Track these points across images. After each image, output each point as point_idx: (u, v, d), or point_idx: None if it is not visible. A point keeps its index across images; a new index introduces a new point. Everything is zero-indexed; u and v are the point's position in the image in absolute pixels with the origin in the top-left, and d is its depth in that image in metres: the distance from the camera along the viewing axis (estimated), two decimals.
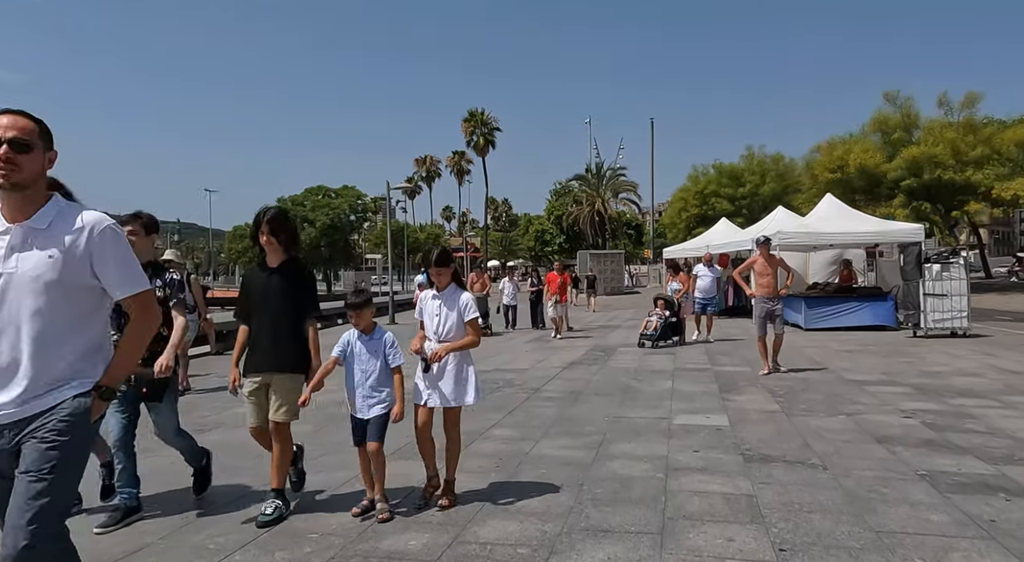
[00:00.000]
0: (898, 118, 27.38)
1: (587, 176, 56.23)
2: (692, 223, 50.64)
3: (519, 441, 5.80)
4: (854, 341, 13.36)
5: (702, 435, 5.84)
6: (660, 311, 13.06)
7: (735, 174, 49.55)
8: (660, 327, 12.79)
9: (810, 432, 5.86)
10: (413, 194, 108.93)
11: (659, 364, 10.57)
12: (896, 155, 26.29)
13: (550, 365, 10.75)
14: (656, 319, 12.91)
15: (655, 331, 12.78)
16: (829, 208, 16.73)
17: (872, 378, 8.79)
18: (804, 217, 17.69)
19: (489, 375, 9.65)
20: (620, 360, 11.24)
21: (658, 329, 12.77)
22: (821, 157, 29.01)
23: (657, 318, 12.93)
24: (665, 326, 12.87)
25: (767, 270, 9.45)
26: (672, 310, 13.13)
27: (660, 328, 12.79)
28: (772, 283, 9.46)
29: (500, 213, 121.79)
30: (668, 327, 12.98)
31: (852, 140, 28.51)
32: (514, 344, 14.30)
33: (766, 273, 9.43)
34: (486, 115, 54.65)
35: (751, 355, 11.35)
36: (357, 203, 56.38)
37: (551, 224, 56.80)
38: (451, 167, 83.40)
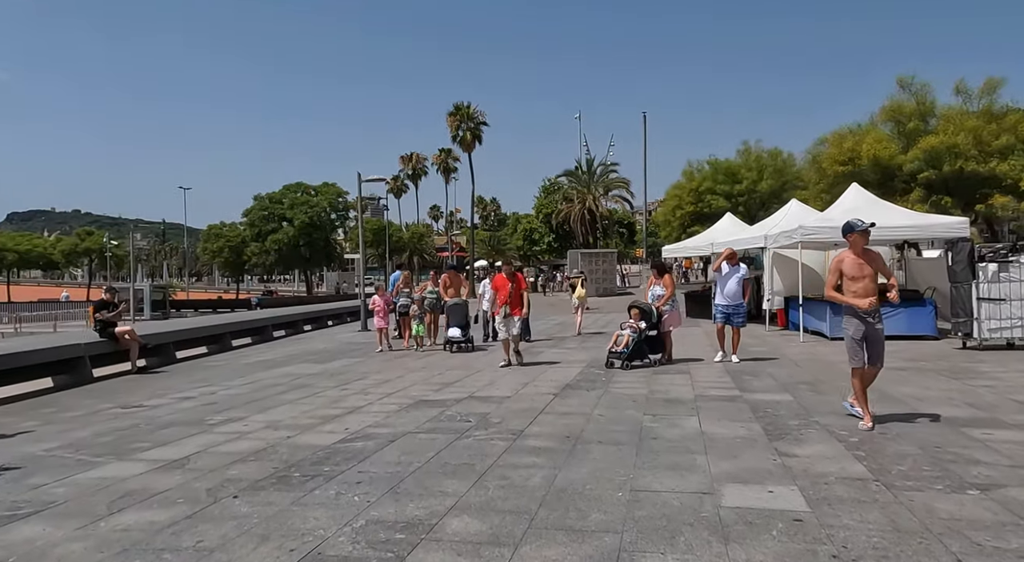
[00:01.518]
0: (913, 106, 25.41)
1: (577, 172, 54.12)
2: (687, 221, 48.69)
3: (487, 547, 3.64)
4: (898, 355, 11.28)
5: (775, 534, 3.70)
6: (634, 322, 10.67)
7: (731, 170, 47.65)
8: (633, 343, 10.44)
9: (945, 528, 3.73)
10: (399, 192, 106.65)
11: (674, 390, 8.44)
12: (912, 146, 24.34)
13: (538, 391, 8.60)
14: (629, 333, 10.56)
15: (626, 348, 10.42)
16: (856, 200, 14.67)
17: (963, 414, 6.70)
18: (825, 210, 15.62)
19: (459, 408, 7.49)
20: (623, 382, 9.11)
21: (630, 345, 10.42)
22: (829, 149, 27.02)
23: (630, 331, 10.56)
24: (640, 342, 10.50)
25: (865, 271, 6.28)
26: (650, 321, 10.67)
27: (633, 344, 10.44)
28: (874, 289, 6.32)
29: (488, 212, 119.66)
30: (644, 343, 10.59)
31: (863, 130, 26.51)
32: (495, 361, 12.15)
33: (864, 276, 6.28)
34: (472, 109, 52.44)
35: (783, 375, 9.26)
36: (338, 201, 54.04)
37: (540, 222, 54.65)
38: (438, 165, 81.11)
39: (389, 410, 7.56)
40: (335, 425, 6.81)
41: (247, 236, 54.17)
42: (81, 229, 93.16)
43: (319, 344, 16.39)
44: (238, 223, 56.29)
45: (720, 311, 10.95)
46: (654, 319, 10.69)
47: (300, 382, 10.08)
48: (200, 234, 63.79)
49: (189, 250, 65.34)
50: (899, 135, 25.69)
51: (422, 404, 7.88)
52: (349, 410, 7.62)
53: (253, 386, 9.90)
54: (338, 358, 13.04)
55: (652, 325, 10.66)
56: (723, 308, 10.86)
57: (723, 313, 10.89)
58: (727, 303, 10.74)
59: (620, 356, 10.38)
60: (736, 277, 10.69)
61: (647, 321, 10.63)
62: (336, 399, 8.42)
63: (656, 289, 11.13)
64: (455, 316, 12.72)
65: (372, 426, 6.70)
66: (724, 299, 10.77)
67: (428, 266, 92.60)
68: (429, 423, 6.77)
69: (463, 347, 12.81)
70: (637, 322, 10.61)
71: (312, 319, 22.55)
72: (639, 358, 10.53)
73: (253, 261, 55.31)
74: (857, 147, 24.66)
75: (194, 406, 8.28)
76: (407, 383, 9.56)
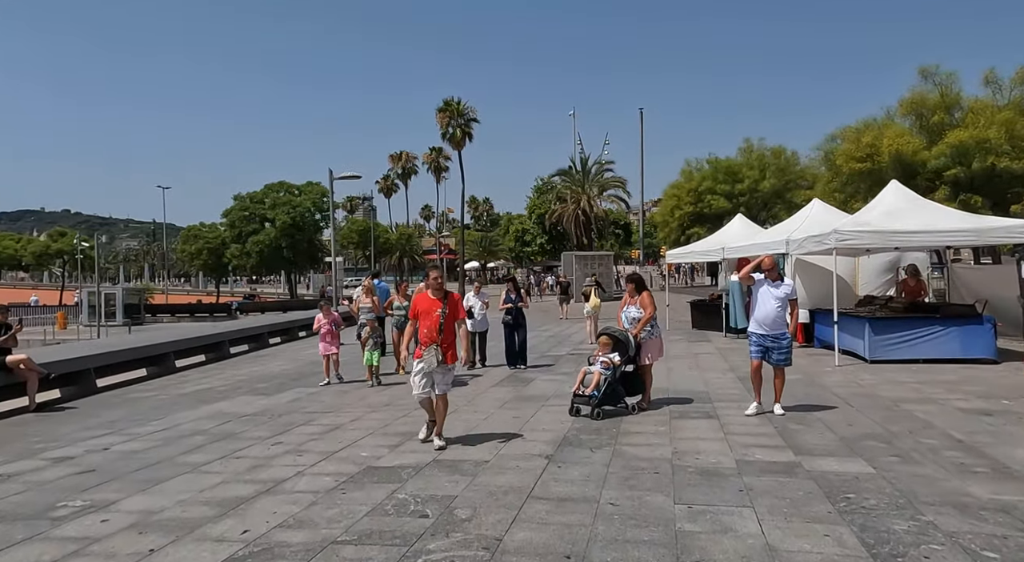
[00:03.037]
0: (937, 98, 23.43)
1: (571, 172, 52.13)
2: (686, 222, 46.80)
3: None
4: (964, 388, 9.29)
5: None
6: (605, 356, 8.09)
7: (732, 169, 45.81)
8: (605, 383, 7.89)
9: None
10: (390, 192, 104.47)
11: (706, 450, 6.38)
12: (937, 141, 22.37)
13: (525, 450, 6.53)
14: (600, 370, 7.98)
15: (597, 390, 7.90)
16: (897, 200, 12.65)
17: None
18: (857, 212, 13.61)
19: (416, 485, 5.38)
20: (635, 434, 7.05)
21: (601, 386, 7.89)
22: (845, 145, 25.02)
23: (602, 368, 7.98)
24: (614, 382, 7.97)
25: None
26: (626, 353, 8.12)
27: (606, 385, 7.89)
28: None
29: (481, 212, 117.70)
30: (619, 382, 8.07)
31: (880, 124, 24.53)
32: (475, 395, 10.08)
33: None
34: (463, 105, 50.23)
35: (840, 423, 7.14)
36: (323, 200, 51.83)
37: (532, 223, 52.63)
38: (428, 164, 79.04)
39: (320, 488, 5.48)
40: (232, 523, 4.72)
41: (227, 237, 51.86)
42: (55, 230, 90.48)
43: (278, 365, 14.27)
44: (218, 224, 54.01)
45: (755, 343, 7.87)
46: (631, 350, 8.11)
47: (226, 429, 7.98)
48: (179, 235, 61.41)
49: (168, 252, 62.90)
50: (921, 129, 23.74)
51: (368, 475, 5.81)
52: (266, 487, 5.53)
53: (165, 435, 7.80)
54: (291, 387, 10.94)
55: (629, 358, 8.13)
56: (759, 339, 7.82)
57: (759, 346, 7.82)
58: (764, 332, 7.75)
59: (589, 401, 7.89)
60: (778, 296, 7.67)
61: (622, 353, 8.10)
62: (257, 464, 6.33)
63: (631, 311, 8.45)
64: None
65: (284, 526, 4.63)
66: (761, 326, 7.78)
67: (420, 268, 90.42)
68: (369, 519, 4.70)
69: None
70: (609, 355, 8.10)
71: (281, 331, 20.38)
72: (613, 402, 8.02)
73: (234, 263, 53.01)
74: (877, 142, 22.69)
75: (60, 476, 6.16)
76: (359, 433, 7.49)
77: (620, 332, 8.25)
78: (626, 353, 8.11)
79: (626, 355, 8.10)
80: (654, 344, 8.47)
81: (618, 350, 8.11)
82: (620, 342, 8.15)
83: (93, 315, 43.57)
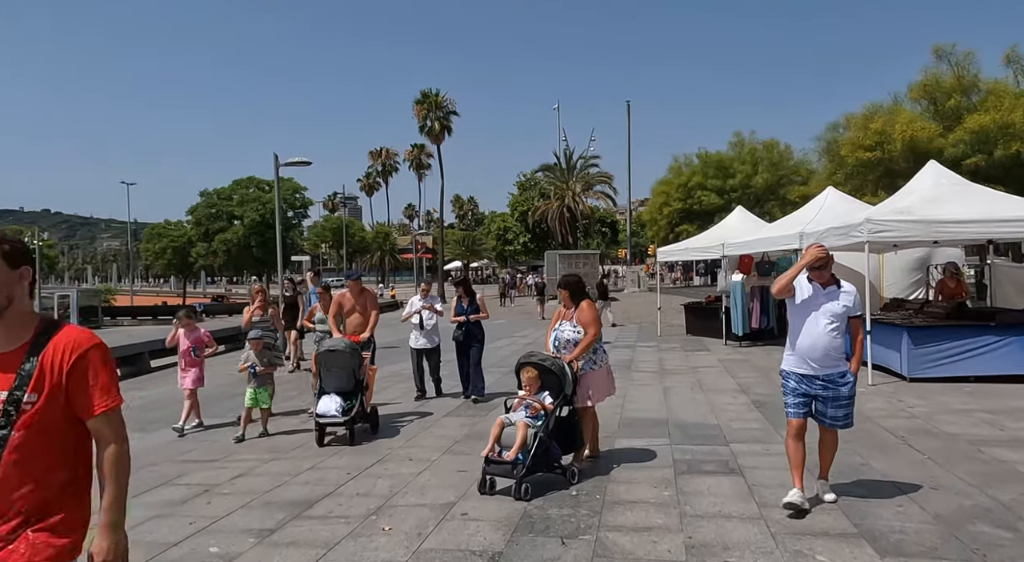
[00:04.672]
0: (952, 80, 21.38)
1: (555, 167, 49.94)
2: (675, 219, 44.77)
3: None
4: None
5: None
6: (533, 399, 5.39)
7: (723, 164, 43.85)
8: (534, 441, 5.15)
9: None
10: (371, 190, 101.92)
11: (739, 551, 4.14)
12: (954, 126, 20.35)
13: (460, 543, 4.27)
14: (525, 419, 5.26)
15: (521, 454, 5.08)
16: (938, 183, 10.52)
17: None
18: (890, 200, 11.47)
19: None
20: (630, 511, 4.80)
21: (530, 445, 5.12)
22: (851, 132, 22.94)
23: (526, 416, 5.30)
24: (545, 438, 5.22)
25: None
26: (560, 391, 5.48)
27: (535, 443, 5.14)
28: None
29: (466, 211, 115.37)
30: (552, 437, 5.32)
31: (888, 110, 22.49)
32: (417, 433, 7.85)
33: None
34: (441, 97, 47.92)
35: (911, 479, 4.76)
36: (295, 197, 49.34)
37: (515, 221, 50.41)
38: (410, 161, 76.73)
39: None
40: None
41: (193, 236, 49.19)
42: (9, 229, 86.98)
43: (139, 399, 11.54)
44: (184, 222, 51.28)
45: (795, 391, 4.70)
46: (567, 387, 5.49)
47: None
48: (142, 234, 58.55)
49: (133, 249, 59.95)
50: (935, 115, 21.73)
51: None
52: None
53: None
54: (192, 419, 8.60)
55: (564, 398, 5.50)
56: (802, 385, 4.68)
57: (802, 396, 4.69)
58: (812, 371, 4.63)
59: (512, 470, 5.02)
60: (835, 312, 4.61)
61: (555, 392, 5.45)
62: None
63: (565, 329, 5.82)
64: (332, 372, 6.95)
65: None
66: (805, 362, 4.64)
67: (401, 268, 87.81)
68: None
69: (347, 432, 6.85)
70: (538, 396, 5.41)
71: None
72: (546, 467, 5.26)
73: (200, 263, 50.33)
74: (887, 129, 20.64)
75: None
76: (232, 502, 5.19)
77: (551, 361, 5.51)
78: (561, 392, 5.45)
79: (561, 394, 5.46)
80: (599, 378, 5.83)
81: (549, 388, 5.48)
82: (552, 375, 5.46)
83: None
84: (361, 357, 7.17)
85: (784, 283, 4.68)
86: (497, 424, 5.34)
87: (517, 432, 5.14)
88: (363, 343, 7.51)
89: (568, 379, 5.49)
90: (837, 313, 4.63)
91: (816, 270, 4.64)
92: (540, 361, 5.51)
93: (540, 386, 5.48)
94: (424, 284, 10.22)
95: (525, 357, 5.65)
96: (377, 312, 8.02)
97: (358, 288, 8.08)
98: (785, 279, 4.70)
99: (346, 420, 6.79)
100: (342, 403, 6.81)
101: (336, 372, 6.97)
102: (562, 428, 5.53)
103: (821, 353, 4.61)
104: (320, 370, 7.05)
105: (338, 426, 6.87)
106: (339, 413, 6.74)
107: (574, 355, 5.62)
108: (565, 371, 5.49)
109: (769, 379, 10.49)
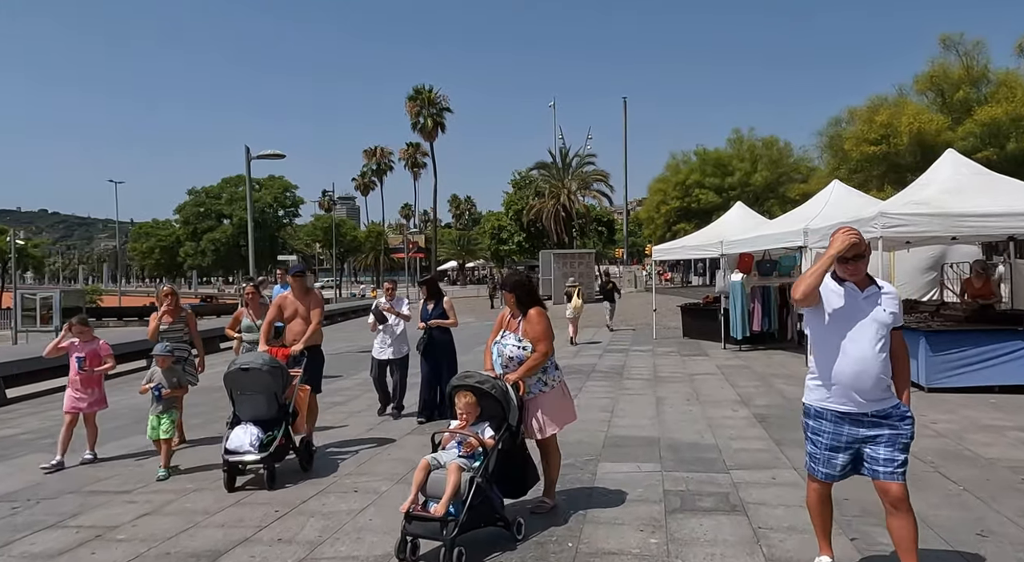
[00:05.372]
0: (961, 71, 20.45)
1: (551, 165, 48.99)
2: (672, 218, 43.89)
3: None
4: None
5: None
6: (470, 431, 4.22)
7: (721, 161, 42.98)
8: (470, 489, 3.91)
9: None
10: (367, 189, 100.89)
11: None
12: (963, 119, 19.44)
13: None
14: (456, 458, 4.05)
15: (452, 510, 3.83)
16: (958, 174, 9.61)
17: None
18: (904, 192, 10.56)
19: None
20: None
21: (464, 494, 3.88)
22: (855, 126, 22.01)
23: (462, 458, 4.07)
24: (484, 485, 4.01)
25: None
26: (504, 423, 4.29)
27: (470, 492, 3.90)
28: None
29: (463, 211, 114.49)
30: (492, 482, 4.16)
31: (897, 102, 21.56)
32: (369, 459, 6.93)
33: None
34: (434, 93, 47.04)
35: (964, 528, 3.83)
36: (285, 195, 48.40)
37: (510, 220, 49.46)
38: (405, 160, 75.73)
39: None
40: None
41: (181, 235, 48.15)
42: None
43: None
44: (172, 221, 50.25)
45: (829, 435, 3.35)
46: (512, 416, 4.32)
47: None
48: (129, 233, 57.38)
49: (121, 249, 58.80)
50: (943, 107, 20.81)
51: None
52: None
53: None
54: (117, 438, 7.65)
55: (510, 430, 4.31)
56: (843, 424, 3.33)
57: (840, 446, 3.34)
58: (860, 408, 3.27)
59: (440, 528, 3.80)
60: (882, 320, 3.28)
61: (497, 422, 4.31)
62: None
63: (509, 342, 4.56)
64: (247, 397, 5.61)
65: None
66: (846, 394, 3.28)
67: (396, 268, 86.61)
68: None
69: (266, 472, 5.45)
70: (475, 428, 4.27)
71: None
72: (487, 521, 4.11)
73: (188, 262, 49.29)
74: (894, 121, 19.71)
75: None
76: (122, 553, 4.25)
77: (491, 383, 4.30)
78: (504, 421, 4.28)
79: (504, 425, 4.28)
80: (553, 401, 4.59)
81: (490, 417, 4.30)
82: (492, 401, 4.28)
83: (30, 319, 39.97)
84: (287, 375, 5.84)
85: (811, 283, 3.22)
86: (421, 467, 4.04)
87: (448, 478, 3.90)
88: (292, 358, 6.18)
89: (512, 405, 4.30)
90: (885, 323, 3.28)
91: (849, 263, 3.26)
92: (478, 383, 4.30)
93: (479, 415, 4.30)
94: (387, 283, 8.94)
95: (459, 378, 4.46)
96: (320, 318, 6.62)
97: (302, 287, 6.72)
98: (812, 277, 3.23)
99: (263, 457, 5.40)
100: (259, 435, 5.48)
101: (251, 396, 5.60)
102: (506, 468, 4.32)
103: (872, 382, 3.22)
104: (232, 394, 5.68)
105: (254, 465, 5.48)
106: (254, 448, 5.41)
107: (518, 375, 4.44)
108: (508, 395, 4.29)
109: (771, 388, 9.59)
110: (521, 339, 4.54)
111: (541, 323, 4.57)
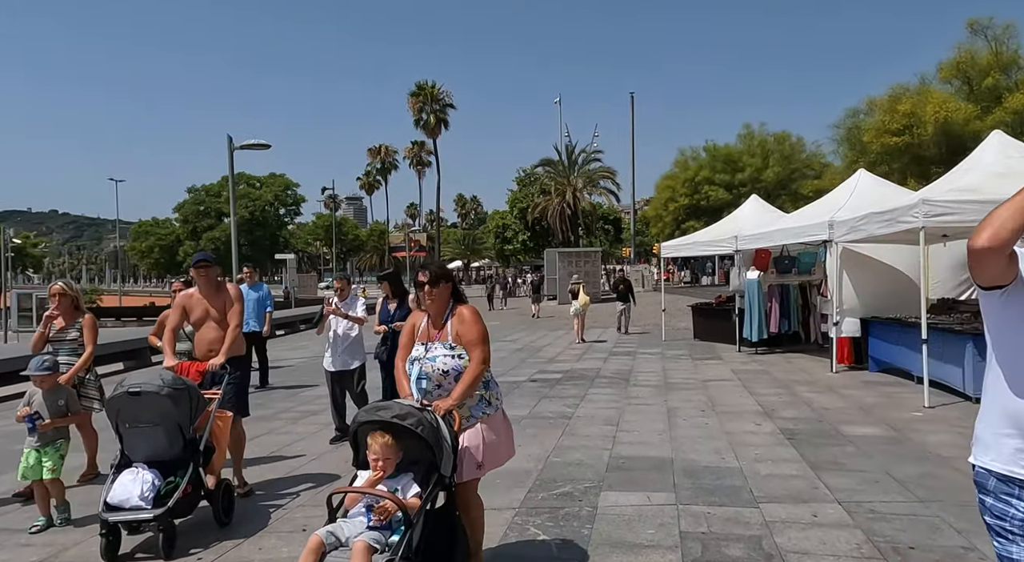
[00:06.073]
0: (990, 56, 19.32)
1: (556, 162, 47.97)
2: (681, 215, 42.79)
3: None
4: None
5: None
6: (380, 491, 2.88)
7: (731, 157, 41.86)
8: None
9: None
10: (371, 188, 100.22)
11: None
12: (993, 107, 18.34)
13: None
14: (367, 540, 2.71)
15: None
16: (1007, 157, 8.57)
17: None
18: (946, 177, 9.53)
19: None
20: None
21: None
22: (876, 116, 20.90)
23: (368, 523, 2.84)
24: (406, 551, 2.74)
25: None
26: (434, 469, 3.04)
27: None
28: None
29: (468, 210, 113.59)
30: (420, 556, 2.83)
31: (919, 91, 20.45)
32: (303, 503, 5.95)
33: None
34: (437, 89, 46.13)
35: None
36: (287, 193, 47.61)
37: (514, 218, 48.47)
38: (410, 159, 74.88)
39: None
40: None
41: (181, 234, 47.44)
42: None
43: None
44: (172, 219, 49.55)
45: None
46: (446, 462, 3.05)
47: None
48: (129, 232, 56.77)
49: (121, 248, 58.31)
50: (970, 95, 19.68)
51: None
52: None
53: None
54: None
55: (443, 483, 3.08)
56: None
57: None
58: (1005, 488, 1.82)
59: None
60: None
61: (422, 469, 3.07)
62: None
63: (438, 353, 3.34)
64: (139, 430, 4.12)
65: None
66: None
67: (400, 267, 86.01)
68: None
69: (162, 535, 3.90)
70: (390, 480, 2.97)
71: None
72: None
73: (188, 262, 48.48)
74: (918, 110, 18.60)
75: None
76: None
77: (415, 417, 2.99)
78: (434, 469, 3.05)
79: (435, 475, 3.05)
80: (496, 426, 3.44)
81: (414, 465, 3.08)
82: (418, 442, 3.02)
83: (27, 320, 39.32)
84: (198, 400, 4.31)
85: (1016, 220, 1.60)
86: (310, 549, 2.75)
87: (359, 548, 2.67)
88: (210, 375, 4.80)
89: (445, 446, 3.03)
90: None
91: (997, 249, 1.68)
92: (397, 418, 2.98)
93: (397, 457, 3.02)
94: (337, 280, 7.17)
95: (368, 411, 3.13)
96: (240, 320, 5.04)
97: (210, 282, 5.03)
98: (1011, 211, 1.61)
99: (158, 514, 3.85)
100: (155, 482, 4.01)
101: (145, 430, 4.10)
102: (437, 532, 3.02)
103: None
104: (117, 428, 4.18)
105: (146, 524, 3.94)
106: (146, 501, 3.91)
107: (457, 397, 3.21)
108: (440, 432, 3.02)
109: (796, 397, 8.56)
110: (454, 346, 3.35)
111: (478, 323, 3.43)
